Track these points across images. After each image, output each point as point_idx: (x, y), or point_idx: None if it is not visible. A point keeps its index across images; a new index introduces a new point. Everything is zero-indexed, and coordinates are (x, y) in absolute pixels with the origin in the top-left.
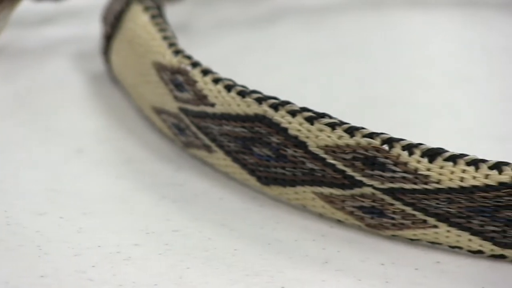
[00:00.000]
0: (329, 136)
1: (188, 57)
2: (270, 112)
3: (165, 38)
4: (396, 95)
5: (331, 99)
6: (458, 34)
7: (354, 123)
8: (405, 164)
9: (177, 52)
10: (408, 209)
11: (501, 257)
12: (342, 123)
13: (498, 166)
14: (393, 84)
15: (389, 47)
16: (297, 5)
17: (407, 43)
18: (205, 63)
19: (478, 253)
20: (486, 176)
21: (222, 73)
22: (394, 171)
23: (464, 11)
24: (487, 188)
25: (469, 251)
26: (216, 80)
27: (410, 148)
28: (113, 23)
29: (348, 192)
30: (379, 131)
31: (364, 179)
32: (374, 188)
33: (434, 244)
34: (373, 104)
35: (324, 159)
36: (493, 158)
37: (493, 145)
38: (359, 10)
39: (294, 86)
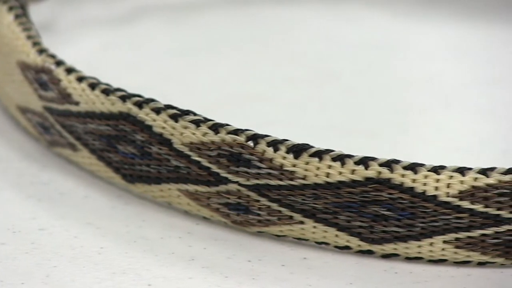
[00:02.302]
0: (193, 133)
1: (52, 56)
2: (134, 110)
3: (29, 37)
4: (262, 92)
5: (196, 96)
6: (325, 31)
7: (219, 120)
8: (271, 160)
9: (41, 51)
10: (274, 205)
11: (369, 252)
12: (206, 120)
13: (365, 161)
14: (259, 81)
15: (255, 44)
16: (160, 3)
17: (274, 40)
18: (69, 61)
19: (345, 248)
20: (352, 172)
21: (86, 71)
22: (259, 168)
23: (332, 7)
24: (353, 183)
25: (336, 247)
26: (80, 79)
27: (275, 144)
28: None
29: (213, 189)
30: (244, 128)
31: (230, 176)
32: (240, 184)
33: (300, 240)
34: (239, 101)
35: (189, 156)
36: (360, 153)
37: (360, 141)
38: (224, 7)
39: (159, 83)
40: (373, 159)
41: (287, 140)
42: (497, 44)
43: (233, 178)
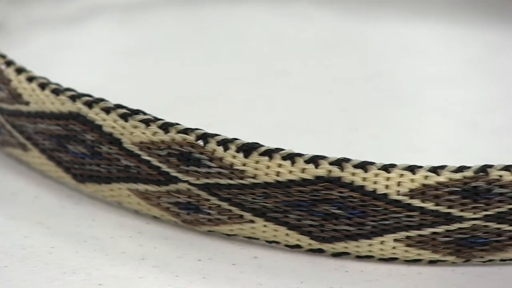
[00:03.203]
0: (143, 133)
1: (2, 56)
2: (84, 110)
3: None
4: (212, 91)
5: (146, 96)
6: (274, 29)
7: (169, 119)
8: (221, 159)
9: None
10: (224, 204)
11: (319, 251)
12: (156, 119)
13: (315, 160)
14: (209, 80)
15: (204, 43)
16: (111, 3)
17: (223, 39)
18: (19, 61)
19: (295, 247)
20: (303, 170)
21: (36, 71)
22: (209, 167)
23: (280, 6)
24: (303, 182)
25: (287, 245)
26: (30, 79)
27: (225, 143)
28: None
29: (163, 188)
30: (194, 127)
31: (180, 175)
32: (190, 183)
33: (251, 239)
34: (189, 100)
35: (139, 155)
36: (310, 152)
37: (311, 139)
38: (174, 7)
39: (109, 83)
40: (323, 157)
41: (237, 139)
42: (450, 42)
43: (183, 177)
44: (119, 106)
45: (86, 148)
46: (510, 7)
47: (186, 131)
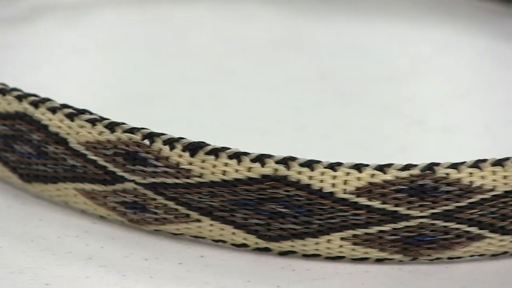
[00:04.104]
0: (89, 132)
1: None
2: (30, 110)
3: None
4: (158, 90)
5: (93, 95)
6: (220, 29)
7: (116, 119)
8: (167, 158)
9: None
10: (171, 204)
11: (266, 250)
12: (102, 119)
13: (261, 158)
14: (155, 79)
15: (152, 43)
16: (57, 2)
17: (170, 39)
18: None
19: (242, 246)
20: (249, 169)
21: None
22: (155, 166)
23: (227, 6)
24: (250, 181)
25: (233, 244)
26: None
27: (171, 142)
28: None
29: (110, 187)
30: (140, 127)
31: (126, 174)
32: (136, 183)
33: (197, 238)
34: (136, 100)
35: (85, 155)
36: (257, 151)
37: (257, 138)
38: (121, 6)
39: (55, 83)
40: (269, 156)
41: (183, 138)
42: (399, 41)
43: (129, 177)
44: (65, 106)
45: (32, 148)
46: (459, 5)
47: (132, 130)
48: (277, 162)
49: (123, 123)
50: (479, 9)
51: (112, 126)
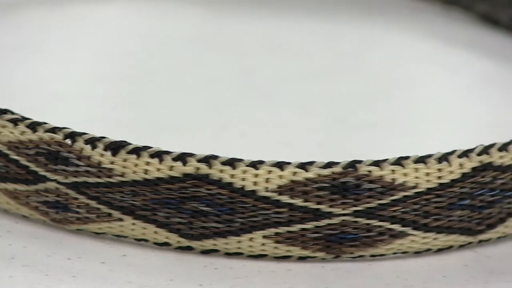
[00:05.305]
0: (11, 132)
1: None
2: None
3: None
4: (81, 90)
5: (15, 95)
6: (139, 27)
7: (38, 119)
8: (89, 158)
9: None
10: (93, 203)
11: (188, 248)
12: (24, 118)
13: (182, 157)
14: (77, 79)
15: (71, 42)
16: None
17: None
18: None
19: (164, 245)
20: (171, 168)
21: None
22: (77, 165)
23: (147, 4)
24: (172, 179)
25: (156, 243)
26: None
27: (93, 141)
28: None
29: (32, 187)
30: (62, 126)
31: (48, 174)
32: (58, 182)
33: (120, 237)
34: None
35: (7, 155)
36: (179, 150)
37: (179, 137)
38: (40, 6)
39: None
40: (191, 155)
41: (104, 137)
42: (321, 39)
43: (51, 176)
44: None
45: None
46: (383, 2)
47: (54, 130)
48: (199, 161)
49: (45, 123)
50: (408, 8)
51: (34, 126)
